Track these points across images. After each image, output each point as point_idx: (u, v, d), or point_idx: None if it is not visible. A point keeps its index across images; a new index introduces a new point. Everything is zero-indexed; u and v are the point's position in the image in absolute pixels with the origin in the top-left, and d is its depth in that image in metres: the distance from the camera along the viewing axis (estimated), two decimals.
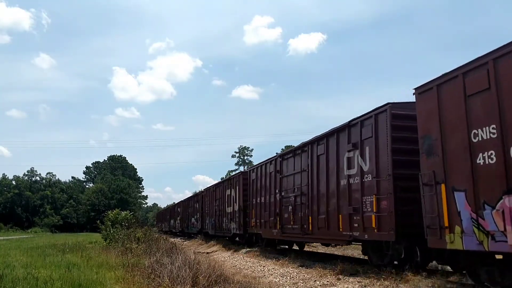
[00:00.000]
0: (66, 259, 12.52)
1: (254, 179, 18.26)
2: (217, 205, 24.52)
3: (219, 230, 23.75)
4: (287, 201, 14.39)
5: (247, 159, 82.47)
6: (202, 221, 29.27)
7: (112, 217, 22.98)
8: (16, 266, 10.45)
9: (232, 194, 21.16)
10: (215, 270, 8.62)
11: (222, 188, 23.59)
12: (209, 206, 26.91)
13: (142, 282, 8.30)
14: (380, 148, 9.45)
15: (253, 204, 18.15)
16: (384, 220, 9.12)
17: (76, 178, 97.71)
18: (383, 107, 9.46)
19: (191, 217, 34.22)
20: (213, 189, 26.21)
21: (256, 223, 17.61)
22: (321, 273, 9.86)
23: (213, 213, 25.34)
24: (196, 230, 31.38)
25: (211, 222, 25.82)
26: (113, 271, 9.92)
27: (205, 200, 28.48)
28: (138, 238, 18.27)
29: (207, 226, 27.48)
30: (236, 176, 21.42)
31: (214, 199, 25.43)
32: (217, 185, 25.31)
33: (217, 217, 24.32)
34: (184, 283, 7.70)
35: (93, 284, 8.02)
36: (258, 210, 17.37)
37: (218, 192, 24.58)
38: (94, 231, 50.28)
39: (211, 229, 25.96)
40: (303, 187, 13.17)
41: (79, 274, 8.94)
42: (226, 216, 22.15)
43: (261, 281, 9.58)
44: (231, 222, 21.15)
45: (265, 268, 12.27)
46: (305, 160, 13.13)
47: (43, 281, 7.91)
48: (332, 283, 8.84)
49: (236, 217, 20.20)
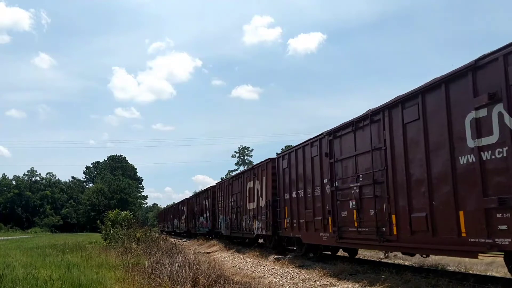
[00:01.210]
0: (66, 259, 12.51)
1: (287, 168, 14.34)
2: (234, 200, 20.96)
3: (236, 230, 20.32)
4: (345, 194, 10.62)
5: (247, 159, 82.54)
6: (214, 220, 25.92)
7: (112, 217, 23.02)
8: (16, 266, 10.44)
9: (256, 186, 17.53)
10: (215, 270, 8.62)
11: (242, 181, 19.90)
12: (223, 203, 23.51)
13: (142, 282, 8.30)
14: None
15: (286, 199, 14.34)
16: None
17: (76, 178, 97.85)
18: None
19: (199, 216, 30.93)
20: (229, 182, 22.53)
21: (292, 224, 13.80)
22: (321, 273, 9.86)
23: (229, 210, 21.88)
24: (206, 231, 27.98)
25: (226, 221, 22.55)
26: (113, 271, 9.92)
27: (218, 195, 25.01)
28: (138, 238, 18.28)
29: (220, 225, 24.06)
30: (262, 164, 17.19)
31: (230, 193, 21.94)
32: (235, 177, 21.57)
33: (234, 215, 20.81)
34: (184, 283, 7.70)
35: (93, 284, 8.02)
36: (295, 208, 13.56)
37: (236, 185, 20.91)
38: (94, 231, 50.46)
39: (225, 229, 22.53)
40: (375, 173, 9.41)
41: (79, 274, 8.94)
42: (247, 214, 18.62)
43: (261, 281, 9.57)
44: (254, 221, 17.55)
45: (265, 268, 12.27)
46: (377, 133, 9.48)
47: (43, 281, 7.91)
48: (332, 283, 8.84)
49: (261, 215, 16.56)
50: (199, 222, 30.58)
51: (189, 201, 36.14)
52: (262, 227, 16.38)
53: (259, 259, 14.47)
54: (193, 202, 33.98)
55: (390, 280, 8.07)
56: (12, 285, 7.51)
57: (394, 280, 8.02)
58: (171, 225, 47.73)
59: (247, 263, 13.94)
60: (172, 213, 47.76)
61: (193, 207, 33.15)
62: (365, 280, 8.52)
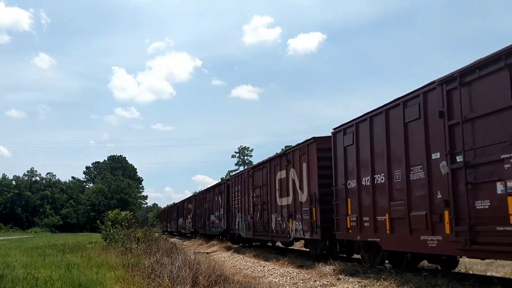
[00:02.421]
0: (66, 259, 12.52)
1: (352, 145, 10.59)
2: (256, 195, 17.55)
3: (262, 232, 16.84)
4: (485, 172, 6.71)
5: (247, 159, 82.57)
6: (230, 219, 22.13)
7: (112, 217, 23.03)
8: (16, 266, 10.46)
9: (292, 176, 13.97)
10: (215, 270, 8.63)
11: (268, 170, 16.44)
12: (240, 199, 20.03)
13: (142, 282, 8.31)
14: None
15: (351, 189, 10.58)
16: None
17: (76, 178, 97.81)
18: None
19: (209, 214, 27.19)
20: (248, 174, 19.04)
21: (361, 223, 9.99)
22: (321, 273, 9.85)
23: (249, 207, 18.47)
24: (219, 231, 24.50)
25: (245, 220, 19.07)
26: (113, 271, 9.93)
27: (234, 190, 21.34)
28: (138, 238, 18.31)
29: (237, 225, 20.48)
30: (300, 147, 13.38)
31: (250, 187, 18.56)
32: (258, 167, 17.81)
33: (257, 213, 17.44)
34: (184, 283, 7.70)
35: (93, 284, 8.03)
36: (368, 200, 9.87)
37: (259, 176, 17.45)
38: (94, 231, 50.41)
39: (245, 230, 19.06)
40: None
41: (79, 274, 8.95)
42: (277, 212, 15.17)
43: (261, 281, 9.58)
44: (289, 221, 13.95)
45: (265, 268, 12.27)
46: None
47: (43, 281, 7.93)
48: (332, 283, 8.84)
49: (302, 213, 12.94)
50: (209, 222, 27.13)
51: (197, 198, 32.66)
52: (304, 228, 12.73)
53: (259, 259, 14.48)
54: (202, 199, 30.29)
55: (390, 280, 8.06)
56: (12, 285, 7.52)
57: (394, 280, 8.02)
58: (175, 225, 44.77)
59: (247, 263, 13.94)
60: (176, 212, 44.35)
61: (202, 205, 29.72)
62: (365, 280, 8.52)
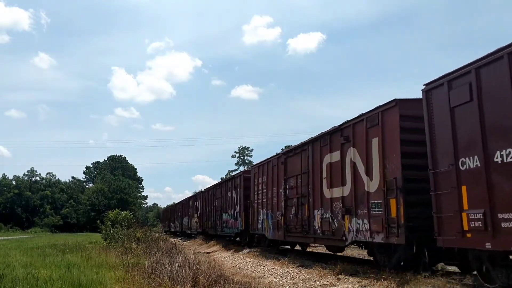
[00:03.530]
0: (66, 259, 12.52)
1: (468, 104, 7.06)
2: (292, 186, 14.34)
3: (299, 232, 13.65)
4: None
5: (247, 159, 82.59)
6: (249, 217, 19.12)
7: (112, 217, 23.06)
8: (16, 266, 10.46)
9: (352, 158, 10.61)
10: (215, 270, 8.63)
11: (311, 153, 12.88)
12: (266, 192, 16.91)
13: (142, 282, 8.31)
14: None
15: (466, 170, 7.10)
16: None
17: (76, 178, 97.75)
18: None
19: (221, 213, 24.09)
20: (279, 162, 15.62)
21: (497, 222, 6.46)
22: (321, 273, 9.85)
23: (279, 202, 15.36)
24: (234, 232, 21.53)
25: (273, 218, 16.03)
26: (113, 271, 9.93)
27: (256, 182, 18.22)
28: (138, 238, 18.33)
29: (260, 225, 17.45)
30: (370, 115, 9.93)
31: (282, 177, 15.17)
32: (296, 150, 14.23)
33: (291, 209, 14.25)
34: (184, 283, 7.71)
35: (93, 284, 8.03)
36: (510, 185, 6.34)
37: (297, 162, 14.00)
38: (94, 231, 50.39)
39: (271, 230, 16.11)
40: None
41: (79, 274, 8.95)
42: (324, 207, 11.88)
43: (261, 281, 9.58)
44: (345, 218, 10.76)
45: (265, 268, 12.26)
46: None
47: (43, 281, 7.93)
48: (332, 283, 8.84)
49: (370, 207, 9.71)
50: (222, 221, 23.92)
51: (205, 195, 29.67)
52: (374, 228, 9.51)
53: (259, 259, 14.47)
54: (211, 196, 27.46)
55: (390, 280, 8.07)
56: (12, 285, 7.52)
57: (394, 280, 8.02)
58: (178, 225, 41.72)
59: (247, 263, 13.94)
60: (180, 211, 41.02)
61: (212, 202, 26.90)
62: (365, 280, 8.52)
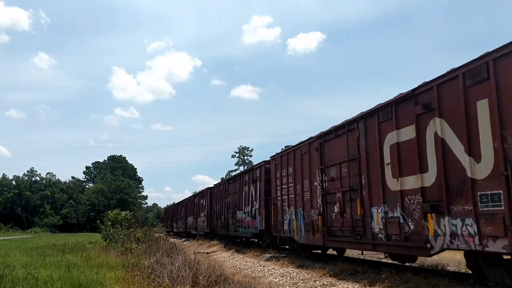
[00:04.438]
0: (66, 259, 12.52)
1: None
2: (333, 177, 11.34)
3: (347, 235, 10.55)
4: None
5: (247, 159, 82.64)
6: (270, 216, 16.02)
7: (112, 217, 23.06)
8: (16, 266, 10.45)
9: (439, 132, 7.41)
10: (215, 270, 8.63)
11: (365, 131, 9.95)
12: (294, 186, 13.80)
13: (142, 282, 8.30)
14: None
15: None
16: None
17: (76, 178, 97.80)
18: None
19: (235, 211, 21.10)
20: (311, 148, 12.62)
21: None
22: (321, 273, 9.85)
23: (314, 198, 12.32)
24: (252, 232, 18.52)
25: (304, 218, 12.96)
26: (113, 271, 9.92)
27: (280, 174, 15.00)
28: (138, 238, 18.32)
29: (287, 225, 14.33)
30: (475, 66, 6.55)
31: (317, 166, 12.14)
32: (338, 131, 11.19)
33: (335, 205, 11.15)
34: (184, 283, 7.70)
35: (93, 284, 8.03)
36: None
37: (340, 146, 10.99)
38: (94, 231, 50.37)
39: (303, 232, 13.03)
40: None
41: (79, 274, 8.95)
42: (388, 202, 8.91)
43: (261, 281, 9.57)
44: (431, 218, 7.51)
45: (265, 268, 12.26)
46: None
47: (43, 281, 7.92)
48: (332, 283, 8.84)
49: (479, 200, 6.49)
50: (235, 220, 20.94)
51: (215, 191, 26.89)
52: (487, 232, 6.34)
53: (259, 259, 14.47)
54: (222, 192, 24.69)
55: (390, 280, 8.06)
56: (12, 285, 7.52)
57: (394, 280, 8.02)
58: (182, 225, 39.09)
59: (247, 263, 13.93)
60: (184, 209, 38.34)
61: (223, 199, 24.31)
62: (365, 280, 8.52)
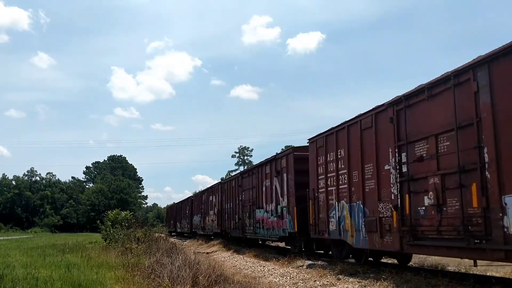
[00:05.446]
0: (66, 259, 12.53)
1: None
2: (422, 157, 7.97)
3: (458, 239, 7.02)
4: None
5: (247, 159, 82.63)
6: (307, 213, 12.89)
7: (112, 217, 23.06)
8: (16, 266, 10.46)
9: None
10: (215, 270, 8.63)
11: (485, 87, 6.54)
12: (339, 175, 11.23)
13: (142, 282, 8.30)
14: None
15: None
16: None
17: (76, 178, 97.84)
18: None
19: (252, 209, 18.04)
20: (373, 124, 9.72)
21: None
22: (321, 273, 9.84)
23: (379, 189, 9.39)
24: (278, 235, 15.15)
25: (362, 214, 10.01)
26: (113, 271, 9.93)
27: (319, 162, 12.31)
28: (138, 238, 18.31)
29: (335, 226, 11.33)
30: None
31: (375, 148, 9.60)
32: (430, 91, 7.77)
33: (426, 197, 7.81)
34: (184, 283, 7.70)
35: (93, 284, 8.03)
36: None
37: (424, 114, 8.01)
38: (94, 231, 50.39)
39: (363, 235, 9.97)
40: None
41: (79, 274, 8.96)
42: None
43: (261, 281, 9.57)
44: None
45: (265, 268, 12.26)
46: None
47: (43, 281, 7.93)
48: (332, 283, 8.84)
49: None
50: (253, 220, 17.83)
51: (226, 186, 23.42)
52: None
53: (259, 259, 14.47)
54: (235, 187, 21.24)
55: (390, 280, 8.06)
56: (12, 285, 7.52)
57: (394, 280, 8.02)
58: (187, 225, 35.88)
59: (247, 263, 13.93)
60: (189, 208, 34.91)
61: (236, 195, 20.91)
62: (365, 280, 8.52)
